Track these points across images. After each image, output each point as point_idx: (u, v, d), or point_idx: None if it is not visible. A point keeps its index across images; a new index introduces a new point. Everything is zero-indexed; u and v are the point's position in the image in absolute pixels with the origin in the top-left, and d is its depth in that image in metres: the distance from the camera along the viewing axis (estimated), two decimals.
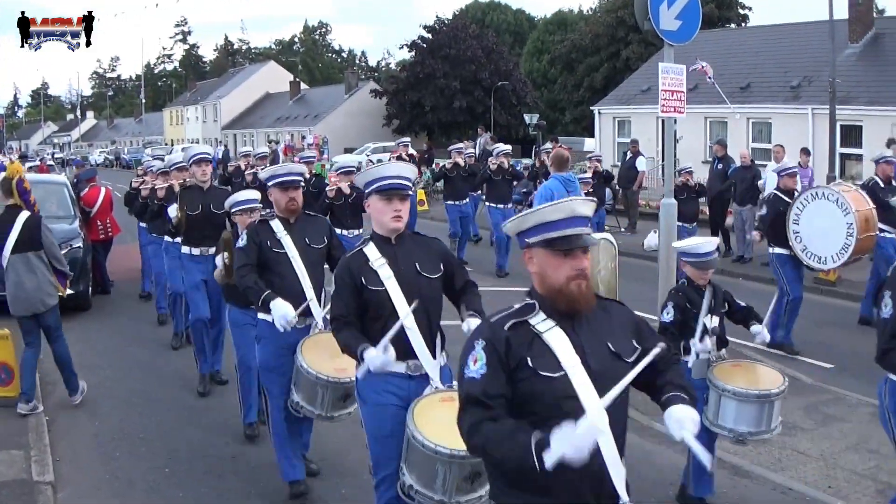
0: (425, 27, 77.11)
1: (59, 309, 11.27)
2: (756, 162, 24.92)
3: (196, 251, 11.98)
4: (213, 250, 11.13)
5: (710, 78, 29.20)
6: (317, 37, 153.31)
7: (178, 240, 12.46)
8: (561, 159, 14.96)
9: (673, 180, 14.20)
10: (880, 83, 31.38)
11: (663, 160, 22.22)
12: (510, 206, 20.34)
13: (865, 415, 10.76)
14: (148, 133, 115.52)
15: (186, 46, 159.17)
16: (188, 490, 8.74)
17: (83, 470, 9.33)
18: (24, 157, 58.89)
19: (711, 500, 8.30)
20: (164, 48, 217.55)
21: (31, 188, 11.47)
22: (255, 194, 10.30)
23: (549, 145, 29.53)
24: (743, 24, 66.03)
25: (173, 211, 11.77)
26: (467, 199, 21.49)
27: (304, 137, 70.97)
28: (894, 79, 31.16)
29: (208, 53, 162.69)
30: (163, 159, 17.73)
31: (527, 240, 4.48)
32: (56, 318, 11.15)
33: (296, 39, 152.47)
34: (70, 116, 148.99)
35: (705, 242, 8.32)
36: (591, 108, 46.73)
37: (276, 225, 8.40)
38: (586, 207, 4.47)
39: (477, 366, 4.32)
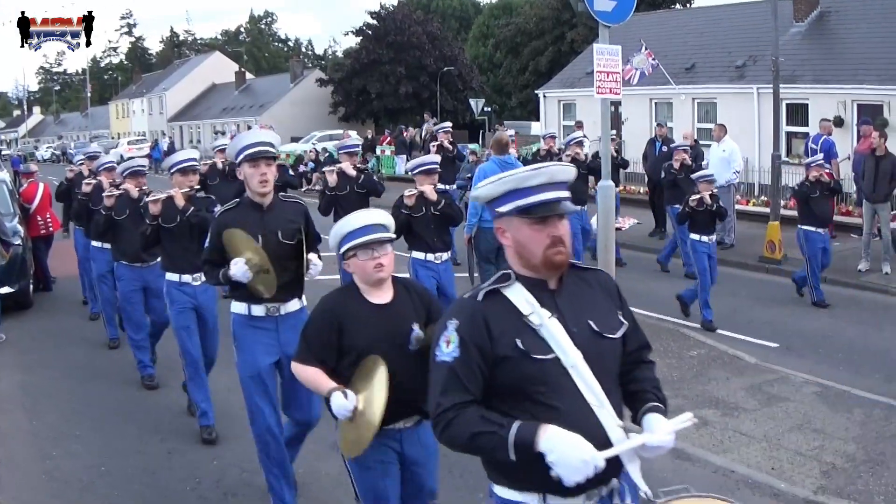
0: (370, 13, 76.84)
1: None
2: (700, 142, 24.97)
3: (187, 277, 9.94)
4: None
5: (653, 60, 29.26)
6: (263, 26, 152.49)
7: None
8: (500, 143, 14.99)
9: (607, 161, 14.04)
10: (826, 62, 31.44)
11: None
12: (454, 188, 18.57)
13: (810, 394, 10.77)
14: (94, 127, 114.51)
15: (132, 39, 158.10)
16: (123, 488, 8.59)
17: (20, 470, 9.18)
18: None
19: (651, 484, 8.24)
20: (109, 41, 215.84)
21: None
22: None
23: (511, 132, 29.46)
24: (687, 5, 66.26)
25: (240, 271, 7.32)
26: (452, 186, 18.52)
27: (249, 127, 70.63)
28: (839, 57, 31.22)
29: (154, 46, 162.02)
30: (97, 155, 16.30)
31: (499, 209, 4.13)
32: None
33: (242, 30, 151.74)
34: (17, 112, 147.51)
35: None
36: (536, 91, 46.65)
37: None
38: (565, 173, 4.18)
39: (450, 348, 4.03)
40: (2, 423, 10.65)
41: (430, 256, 12.02)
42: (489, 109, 51.40)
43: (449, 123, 21.59)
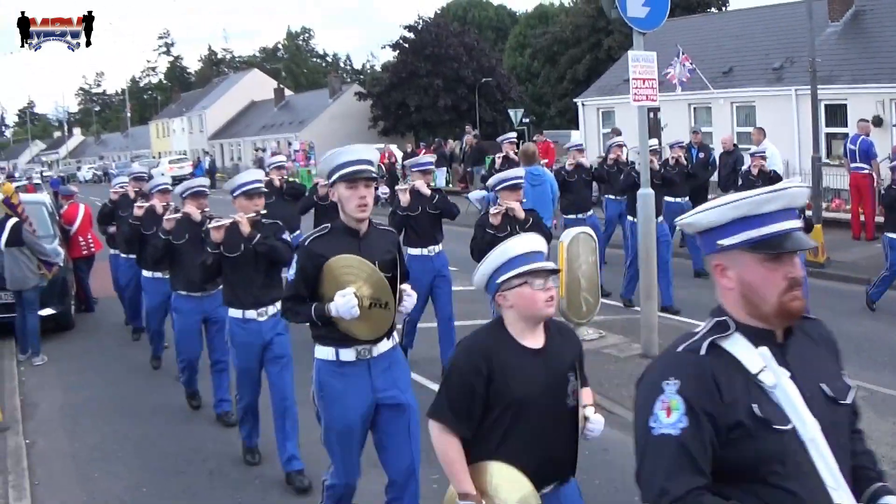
0: (406, 27, 76.95)
1: (38, 291, 14.90)
2: (739, 146, 24.79)
3: (251, 313, 9.07)
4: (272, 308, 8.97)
5: (690, 65, 29.11)
6: (300, 42, 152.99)
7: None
8: (527, 153, 15.37)
9: (646, 169, 13.85)
10: (863, 61, 31.21)
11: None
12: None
13: (858, 399, 10.51)
14: (135, 147, 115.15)
15: (171, 58, 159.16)
16: None
17: (61, 492, 9.19)
18: (10, 178, 58.78)
19: None
20: (148, 61, 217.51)
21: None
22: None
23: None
24: (723, 9, 66.00)
25: (347, 305, 6.53)
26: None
27: (290, 144, 70.82)
28: (876, 56, 31.00)
29: (193, 64, 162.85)
30: (143, 176, 16.36)
31: (722, 241, 3.42)
32: (33, 296, 14.81)
33: (279, 46, 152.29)
34: (57, 134, 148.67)
35: None
36: (575, 100, 46.59)
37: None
38: (803, 197, 3.46)
39: (673, 417, 3.25)
40: (42, 445, 10.68)
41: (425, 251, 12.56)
42: (527, 120, 51.32)
43: (513, 134, 20.65)
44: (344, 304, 6.27)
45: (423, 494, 7.50)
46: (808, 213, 14.12)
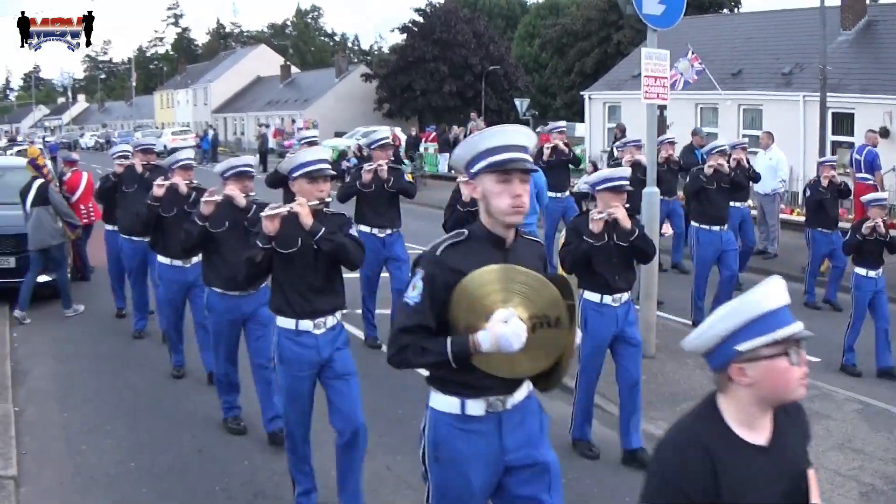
0: (416, 10, 76.97)
1: (63, 247, 15.86)
2: (748, 149, 24.70)
3: (307, 324, 7.57)
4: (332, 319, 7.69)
5: (700, 65, 29.01)
6: (309, 20, 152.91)
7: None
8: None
9: (653, 167, 13.63)
10: (873, 71, 31.19)
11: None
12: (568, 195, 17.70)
13: (851, 412, 10.56)
14: (139, 116, 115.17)
15: (179, 30, 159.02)
16: (151, 486, 8.52)
17: (48, 464, 9.11)
18: (12, 142, 58.66)
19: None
20: (155, 31, 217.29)
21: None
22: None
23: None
24: (735, 10, 65.97)
25: (516, 331, 4.90)
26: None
27: (294, 121, 70.75)
28: (887, 66, 30.98)
29: (200, 37, 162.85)
30: (152, 148, 14.67)
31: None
32: (61, 254, 15.68)
33: (288, 23, 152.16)
34: (61, 99, 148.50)
35: None
36: (582, 93, 46.55)
37: None
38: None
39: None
40: (34, 414, 10.62)
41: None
42: (528, 116, 51.37)
43: (563, 123, 19.51)
44: (510, 331, 4.62)
45: (410, 482, 7.43)
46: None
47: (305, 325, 7.46)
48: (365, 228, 12.77)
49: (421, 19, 75.98)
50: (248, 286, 8.85)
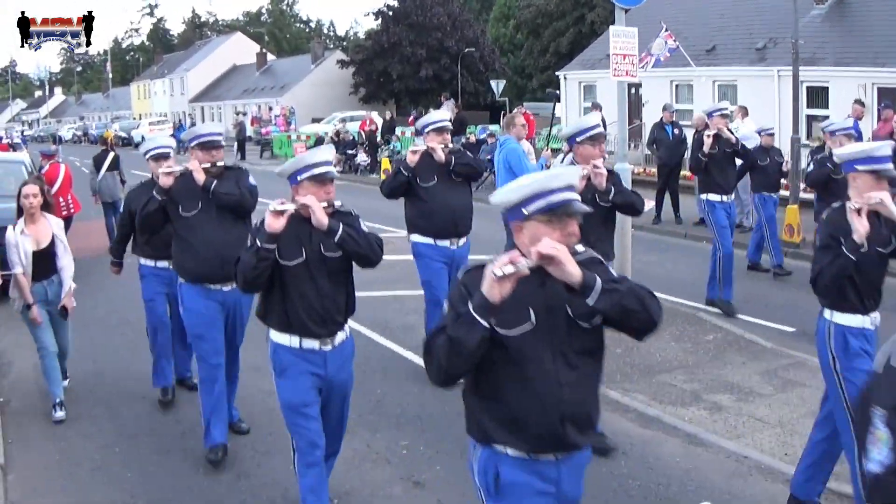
0: None
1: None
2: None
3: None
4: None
5: (673, 42, 29.11)
6: (284, 7, 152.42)
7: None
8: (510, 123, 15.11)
9: (624, 144, 13.76)
10: (846, 44, 31.29)
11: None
12: None
13: None
14: (116, 108, 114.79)
15: (154, 20, 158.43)
16: (136, 469, 8.62)
17: (34, 451, 9.22)
18: None
19: (663, 470, 8.23)
20: (131, 22, 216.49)
21: None
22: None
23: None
24: None
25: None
26: None
27: (270, 108, 70.73)
28: (860, 39, 31.10)
29: (176, 27, 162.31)
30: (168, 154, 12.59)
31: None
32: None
33: (263, 11, 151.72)
34: (38, 93, 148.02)
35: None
36: (557, 73, 46.62)
37: None
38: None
39: None
40: (17, 403, 10.71)
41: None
42: (502, 100, 51.74)
43: (726, 104, 18.84)
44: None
45: (390, 459, 7.56)
46: None
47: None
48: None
49: (395, 3, 75.82)
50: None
